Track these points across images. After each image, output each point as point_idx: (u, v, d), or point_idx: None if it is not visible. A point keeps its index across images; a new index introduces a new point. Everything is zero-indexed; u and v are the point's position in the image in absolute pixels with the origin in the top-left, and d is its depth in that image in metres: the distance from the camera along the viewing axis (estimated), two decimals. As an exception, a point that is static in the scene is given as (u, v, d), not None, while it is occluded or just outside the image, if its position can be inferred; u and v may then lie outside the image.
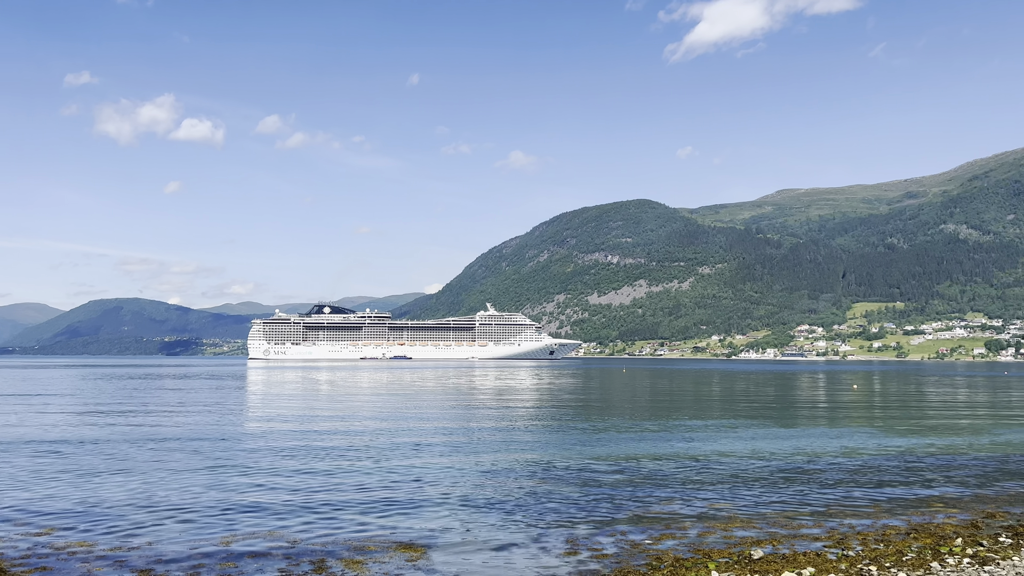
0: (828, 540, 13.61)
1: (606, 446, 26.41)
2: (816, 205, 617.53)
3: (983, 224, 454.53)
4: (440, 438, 28.55)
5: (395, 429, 31.95)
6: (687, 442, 27.65)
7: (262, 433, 30.36)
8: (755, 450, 25.57)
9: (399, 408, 44.22)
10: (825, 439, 29.06)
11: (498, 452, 24.70)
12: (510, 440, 28.10)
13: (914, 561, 11.90)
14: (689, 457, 23.81)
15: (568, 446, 26.41)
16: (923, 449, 26.42)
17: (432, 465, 21.88)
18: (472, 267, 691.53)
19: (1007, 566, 11.42)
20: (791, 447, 26.50)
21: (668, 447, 26.19)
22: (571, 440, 28.22)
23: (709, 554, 12.47)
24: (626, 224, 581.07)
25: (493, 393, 60.43)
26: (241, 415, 39.31)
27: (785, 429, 32.81)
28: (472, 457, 23.53)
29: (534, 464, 22.18)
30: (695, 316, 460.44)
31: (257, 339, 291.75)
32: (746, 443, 27.46)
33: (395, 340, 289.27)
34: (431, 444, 26.67)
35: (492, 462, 22.48)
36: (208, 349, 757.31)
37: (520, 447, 26.12)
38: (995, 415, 41.91)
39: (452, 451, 24.92)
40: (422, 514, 15.41)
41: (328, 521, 14.73)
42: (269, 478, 19.55)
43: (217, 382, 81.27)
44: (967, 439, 29.64)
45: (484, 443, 27.08)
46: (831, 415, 41.45)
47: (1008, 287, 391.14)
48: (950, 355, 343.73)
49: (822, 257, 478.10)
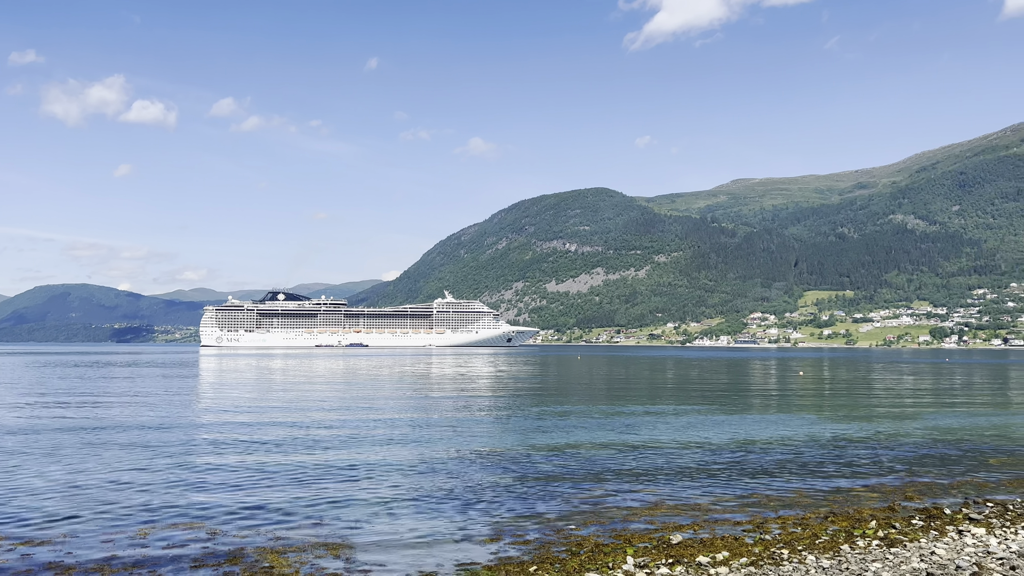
0: (749, 525, 13.89)
1: (549, 434, 26.56)
2: (770, 195, 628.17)
3: (930, 215, 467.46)
4: (384, 428, 28.41)
5: (339, 419, 31.70)
6: (627, 430, 27.96)
7: (201, 423, 29.87)
8: (692, 437, 25.96)
9: (346, 397, 43.89)
10: (762, 425, 29.64)
11: (441, 441, 24.67)
12: (454, 429, 28.08)
13: (826, 544, 12.21)
14: (627, 445, 24.07)
15: (511, 434, 26.49)
16: (854, 435, 27.11)
17: (371, 456, 21.77)
18: (430, 254, 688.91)
19: (913, 548, 11.78)
20: (728, 433, 26.97)
21: (608, 435, 26.44)
22: (515, 428, 28.31)
23: (630, 539, 12.63)
24: (584, 212, 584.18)
25: (445, 381, 60.35)
26: (183, 404, 38.61)
27: (726, 416, 33.38)
28: (413, 447, 23.47)
29: (475, 453, 22.20)
30: (651, 304, 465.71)
31: (209, 326, 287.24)
32: (685, 430, 27.86)
33: (351, 327, 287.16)
34: (373, 434, 26.53)
35: (433, 452, 22.45)
36: (160, 336, 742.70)
37: (464, 436, 26.12)
38: (928, 401, 43.21)
39: (394, 441, 24.82)
40: (352, 505, 15.31)
41: (254, 512, 14.55)
42: (200, 469, 19.23)
43: (164, 370, 79.71)
44: (898, 425, 30.51)
45: (428, 432, 27.03)
46: (772, 402, 42.30)
47: (952, 276, 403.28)
48: (897, 342, 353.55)
49: (775, 246, 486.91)
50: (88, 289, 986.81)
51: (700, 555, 11.42)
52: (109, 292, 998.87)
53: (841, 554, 11.50)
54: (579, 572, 10.76)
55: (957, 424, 30.71)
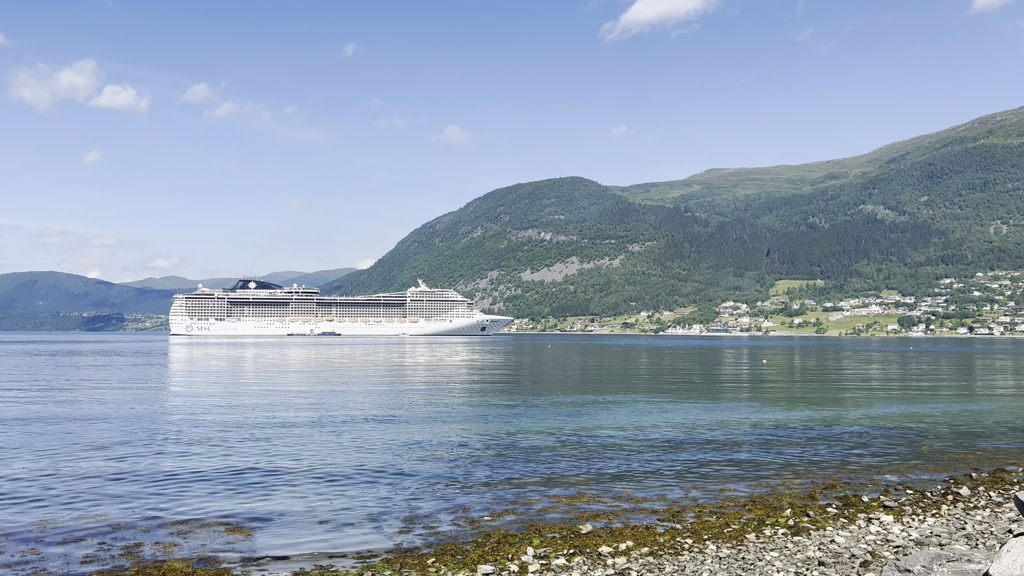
0: (666, 513, 13.92)
1: (491, 424, 26.50)
2: (743, 185, 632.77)
3: (899, 205, 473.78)
4: (334, 412, 28.17)
5: (286, 405, 31.40)
6: (572, 418, 27.98)
7: (145, 413, 29.42)
8: (636, 425, 26.03)
9: (301, 385, 43.53)
10: (708, 412, 29.83)
11: (385, 430, 24.51)
12: (400, 417, 27.93)
13: (733, 533, 12.26)
14: (568, 433, 24.08)
15: (454, 422, 26.40)
16: (799, 422, 27.37)
17: (309, 443, 21.56)
18: (405, 242, 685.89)
19: (817, 536, 11.87)
20: (673, 420, 27.09)
21: (552, 424, 26.43)
22: (459, 416, 28.23)
23: (540, 529, 12.59)
24: (559, 201, 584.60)
25: (408, 369, 60.12)
26: (133, 392, 38.03)
27: (675, 403, 33.55)
28: (352, 435, 23.28)
29: (413, 442, 22.08)
30: (625, 293, 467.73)
31: (179, 315, 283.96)
32: (631, 418, 27.95)
33: (324, 316, 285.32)
34: (318, 421, 26.29)
35: (372, 440, 22.30)
36: (130, 325, 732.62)
37: (407, 424, 25.99)
38: (880, 389, 43.81)
39: (336, 428, 24.61)
40: (273, 493, 15.14)
41: (172, 502, 14.32)
42: (126, 459, 18.91)
43: (126, 359, 78.59)
44: (843, 411, 30.87)
45: (373, 420, 26.85)
46: (727, 389, 42.61)
47: (920, 266, 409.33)
48: (866, 331, 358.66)
49: (747, 236, 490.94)
50: (56, 277, 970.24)
51: (604, 545, 11.41)
52: (78, 280, 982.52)
53: (744, 543, 11.55)
54: (476, 564, 10.69)
55: (902, 412, 31.15)
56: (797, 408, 32.36)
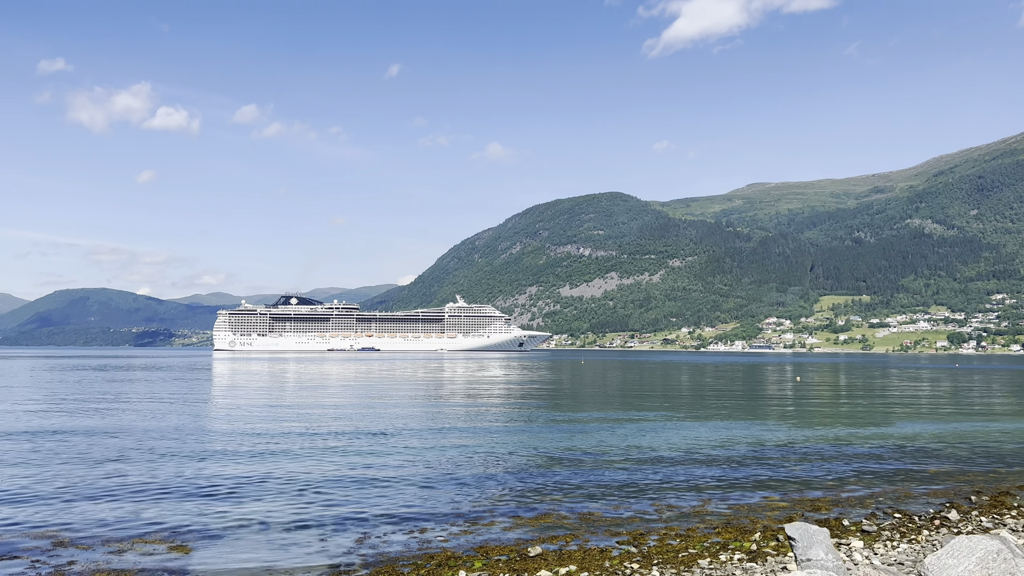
0: (628, 535, 13.42)
1: (487, 440, 26.12)
2: (785, 199, 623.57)
3: (947, 219, 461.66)
4: (330, 426, 28.10)
5: (294, 420, 31.45)
6: (571, 436, 27.46)
7: (153, 428, 29.70)
8: (633, 442, 25.41)
9: (317, 402, 43.68)
10: (716, 430, 29.01)
11: (380, 446, 24.33)
12: (396, 433, 27.73)
13: (687, 558, 11.74)
14: (561, 449, 23.60)
15: (448, 439, 26.09)
16: (806, 440, 26.45)
17: (295, 458, 21.46)
18: (445, 259, 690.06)
19: (773, 562, 11.29)
20: (676, 438, 26.40)
21: (549, 440, 25.96)
22: (454, 433, 27.91)
23: (489, 552, 12.22)
24: (598, 217, 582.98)
25: (428, 385, 60.03)
26: (151, 406, 38.52)
27: (685, 421, 32.73)
28: (341, 451, 23.13)
29: (400, 459, 21.83)
30: (665, 308, 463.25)
31: (223, 330, 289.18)
32: (632, 435, 27.31)
33: (363, 332, 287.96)
34: (313, 434, 26.21)
35: (364, 456, 22.10)
36: (177, 340, 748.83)
37: (399, 442, 25.76)
38: (908, 406, 42.27)
39: (330, 445, 24.50)
40: (235, 509, 15.01)
41: (127, 519, 14.27)
42: (110, 475, 19.00)
43: (163, 373, 80.00)
44: (860, 430, 29.78)
45: (367, 435, 26.69)
46: (746, 406, 41.50)
47: (970, 281, 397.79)
48: (914, 348, 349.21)
49: (790, 251, 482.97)
50: (107, 293, 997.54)
51: (544, 569, 11.00)
52: (128, 296, 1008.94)
53: (693, 570, 11.02)
54: (404, 586, 10.37)
55: (922, 431, 29.95)
56: (812, 426, 31.34)
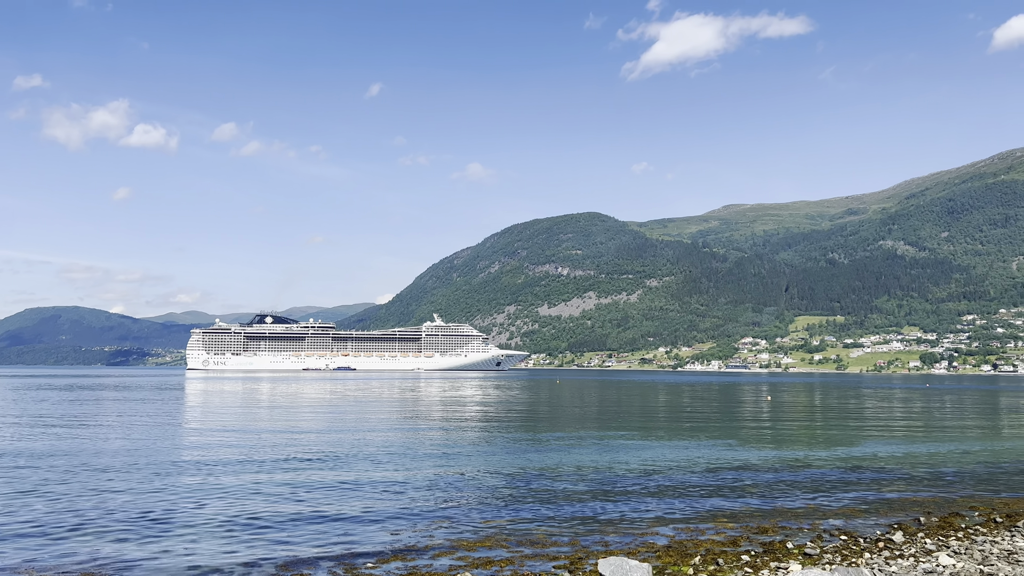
0: (566, 559, 13.12)
1: (442, 462, 25.74)
2: (761, 220, 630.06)
3: (919, 241, 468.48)
4: (282, 452, 27.55)
5: (244, 446, 30.83)
6: (536, 456, 27.13)
7: (103, 450, 28.97)
8: (588, 463, 25.12)
9: (273, 427, 42.98)
10: (676, 451, 28.80)
11: (331, 472, 23.85)
12: (352, 459, 27.24)
13: (620, 582, 11.44)
14: (520, 471, 23.25)
15: (412, 464, 25.66)
16: (765, 461, 26.31)
17: (240, 483, 20.95)
18: (423, 277, 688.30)
19: (706, 587, 11.03)
20: (632, 460, 26.13)
21: (504, 461, 25.60)
22: (420, 459, 27.48)
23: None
24: (576, 236, 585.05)
25: (404, 407, 59.40)
26: (101, 431, 37.65)
27: (644, 441, 32.50)
28: (284, 475, 22.63)
29: (342, 483, 21.38)
30: (643, 328, 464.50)
31: (196, 349, 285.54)
32: (587, 456, 27.02)
33: (339, 351, 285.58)
34: (250, 460, 25.66)
35: (311, 478, 21.63)
36: (151, 359, 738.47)
37: (354, 469, 25.30)
38: (871, 427, 42.38)
39: (275, 468, 23.99)
40: (164, 537, 14.51)
41: (47, 548, 13.75)
42: (53, 499, 18.39)
43: (128, 393, 78.56)
44: (819, 451, 29.71)
45: (317, 461, 26.18)
46: (710, 427, 41.36)
47: (942, 302, 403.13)
48: (887, 368, 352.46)
49: (766, 271, 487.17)
50: (79, 312, 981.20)
51: (470, 595, 10.65)
52: (100, 314, 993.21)
53: (622, 594, 10.73)
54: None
55: (882, 451, 29.95)
56: (773, 447, 31.26)
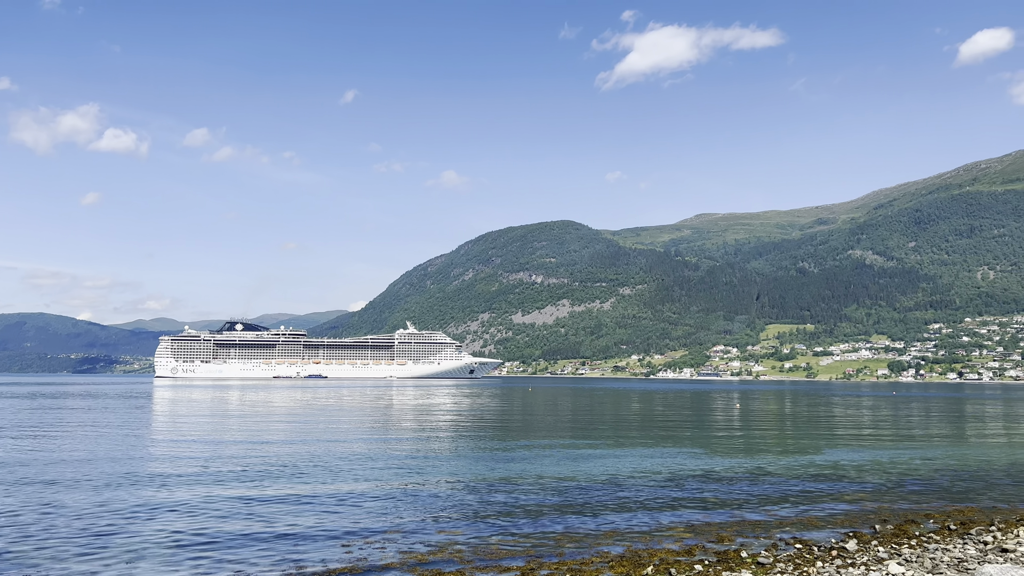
0: (518, 571, 12.98)
1: (401, 472, 25.48)
2: (732, 230, 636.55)
3: (887, 250, 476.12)
4: (248, 462, 27.12)
5: (185, 457, 30.32)
6: (498, 464, 26.97)
7: (56, 460, 28.31)
8: (554, 472, 25.03)
9: (232, 434, 42.38)
10: (641, 459, 28.79)
11: (288, 481, 23.50)
12: (311, 468, 26.88)
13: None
14: (476, 480, 23.08)
15: (373, 473, 25.37)
16: (728, 469, 26.39)
17: (192, 497, 20.55)
18: (396, 285, 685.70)
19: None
20: (593, 469, 26.06)
21: (469, 470, 25.42)
22: (380, 467, 27.18)
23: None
24: (550, 244, 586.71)
25: (373, 413, 58.88)
26: (56, 440, 36.83)
27: (606, 450, 32.47)
28: (240, 486, 22.26)
29: (299, 496, 21.07)
30: (616, 336, 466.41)
31: (165, 356, 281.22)
32: (548, 465, 26.92)
33: (311, 358, 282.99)
34: (223, 471, 25.25)
35: (266, 492, 21.29)
36: (119, 367, 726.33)
37: (314, 476, 24.97)
38: (838, 435, 42.72)
39: (232, 480, 23.60)
40: (101, 555, 14.13)
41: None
42: None
43: (91, 402, 77.06)
44: (783, 458, 29.89)
45: (281, 470, 25.81)
46: (676, 435, 41.43)
47: (909, 311, 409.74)
48: (856, 376, 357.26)
49: (737, 280, 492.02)
50: (45, 318, 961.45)
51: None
52: (67, 321, 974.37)
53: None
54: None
55: (849, 459, 30.16)
56: (738, 455, 31.38)
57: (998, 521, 17.96)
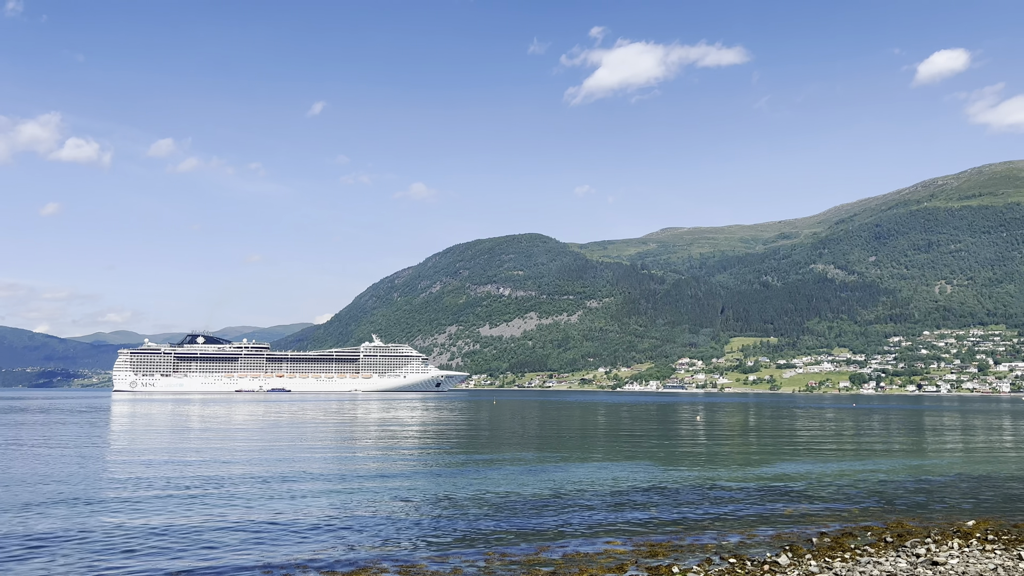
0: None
1: (348, 489, 24.97)
2: (698, 243, 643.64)
3: (848, 264, 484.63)
4: (177, 481, 26.37)
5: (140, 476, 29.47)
6: (439, 478, 26.55)
7: None
8: (494, 488, 24.69)
9: (177, 453, 41.41)
10: (589, 471, 28.59)
11: (220, 506, 22.85)
12: (248, 490, 26.23)
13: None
14: (417, 494, 22.67)
15: (309, 492, 24.80)
16: (676, 480, 26.26)
17: (116, 524, 19.86)
18: (363, 297, 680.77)
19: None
20: (541, 482, 25.75)
21: (412, 485, 24.99)
22: (319, 487, 26.61)
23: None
24: (518, 257, 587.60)
25: (331, 428, 57.97)
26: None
27: (557, 463, 32.20)
28: (165, 514, 21.59)
29: (231, 515, 20.49)
30: (583, 348, 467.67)
31: (124, 370, 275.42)
32: (500, 479, 26.60)
33: (274, 372, 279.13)
34: (150, 496, 24.50)
35: (192, 520, 20.64)
36: (77, 381, 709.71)
37: (252, 499, 24.34)
38: (791, 446, 42.93)
39: (160, 507, 22.89)
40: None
41: None
42: None
43: (41, 416, 74.92)
44: (733, 469, 29.88)
45: (216, 491, 25.12)
46: (629, 447, 41.30)
47: (870, 324, 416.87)
48: (819, 388, 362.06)
49: (702, 293, 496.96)
50: (0, 331, 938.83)
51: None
52: (23, 334, 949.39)
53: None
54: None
55: (800, 471, 30.20)
56: (690, 467, 31.30)
57: (935, 533, 17.99)
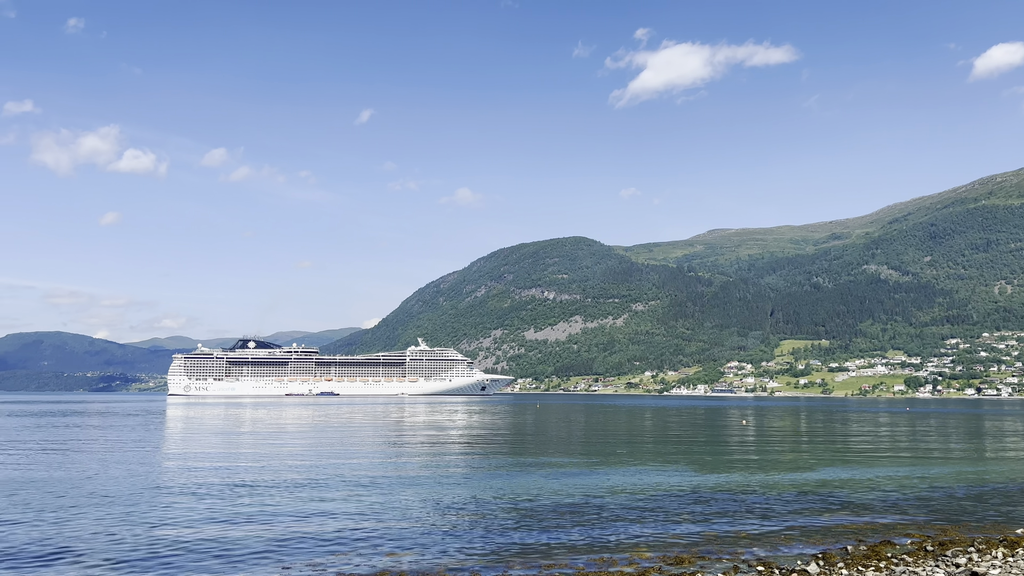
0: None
1: (374, 491, 25.13)
2: (746, 245, 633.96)
3: (902, 265, 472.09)
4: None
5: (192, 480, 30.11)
6: (473, 482, 26.54)
7: (33, 480, 28.18)
8: (530, 490, 24.55)
9: (230, 451, 42.18)
10: (629, 476, 28.26)
11: (267, 504, 23.21)
12: (298, 487, 26.58)
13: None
14: (448, 499, 22.68)
15: (354, 494, 25.03)
16: (712, 486, 25.82)
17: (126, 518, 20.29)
18: (409, 302, 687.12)
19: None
20: (574, 487, 25.54)
21: (443, 490, 25.03)
22: (364, 489, 26.85)
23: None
24: (562, 261, 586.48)
25: (377, 431, 58.57)
26: (51, 456, 36.76)
27: (603, 469, 31.95)
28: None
29: (266, 518, 20.77)
30: (629, 352, 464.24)
31: (178, 374, 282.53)
32: (534, 482, 26.46)
33: (322, 376, 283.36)
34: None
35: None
36: (134, 385, 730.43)
37: (299, 494, 24.66)
38: (839, 451, 41.89)
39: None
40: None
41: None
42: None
43: (98, 420, 77.27)
44: (773, 475, 29.25)
45: (270, 489, 25.51)
46: (671, 451, 40.76)
47: (925, 326, 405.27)
48: (872, 392, 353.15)
49: (751, 295, 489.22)
50: (62, 337, 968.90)
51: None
52: (84, 340, 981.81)
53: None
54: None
55: (844, 477, 29.42)
56: (727, 471, 30.76)
57: (978, 542, 17.33)
